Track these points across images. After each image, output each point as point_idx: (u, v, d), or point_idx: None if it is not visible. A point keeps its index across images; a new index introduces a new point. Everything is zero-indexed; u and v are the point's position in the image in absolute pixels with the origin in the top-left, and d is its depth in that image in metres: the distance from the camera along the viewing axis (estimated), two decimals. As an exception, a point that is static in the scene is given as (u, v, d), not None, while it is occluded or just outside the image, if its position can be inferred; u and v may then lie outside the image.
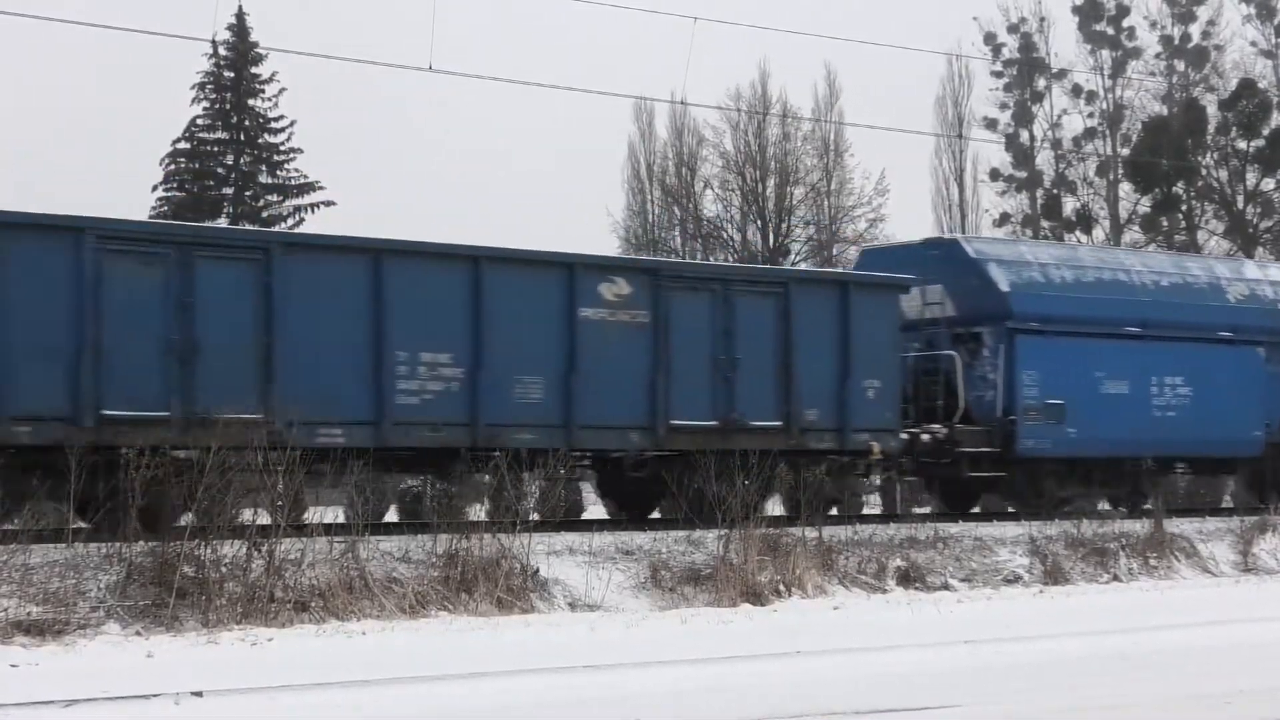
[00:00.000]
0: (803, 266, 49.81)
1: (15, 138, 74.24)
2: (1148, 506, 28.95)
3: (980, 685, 14.05)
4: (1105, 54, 66.05)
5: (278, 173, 53.59)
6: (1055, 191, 65.46)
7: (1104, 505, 29.46)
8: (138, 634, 15.95)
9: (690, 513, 22.52)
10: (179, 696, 12.57)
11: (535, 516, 21.19)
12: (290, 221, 52.35)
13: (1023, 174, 66.09)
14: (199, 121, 53.03)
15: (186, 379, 20.46)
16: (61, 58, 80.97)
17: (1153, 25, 65.40)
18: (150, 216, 46.12)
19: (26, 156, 71.37)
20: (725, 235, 58.61)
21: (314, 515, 20.53)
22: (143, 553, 16.96)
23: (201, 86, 52.96)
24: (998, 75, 66.34)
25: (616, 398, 23.36)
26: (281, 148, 53.53)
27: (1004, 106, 66.39)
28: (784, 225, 57.74)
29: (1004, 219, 65.80)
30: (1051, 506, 27.25)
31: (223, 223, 48.17)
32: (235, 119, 53.04)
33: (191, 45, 59.05)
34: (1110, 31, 65.84)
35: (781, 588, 20.68)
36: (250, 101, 53.20)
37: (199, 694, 12.68)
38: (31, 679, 13.45)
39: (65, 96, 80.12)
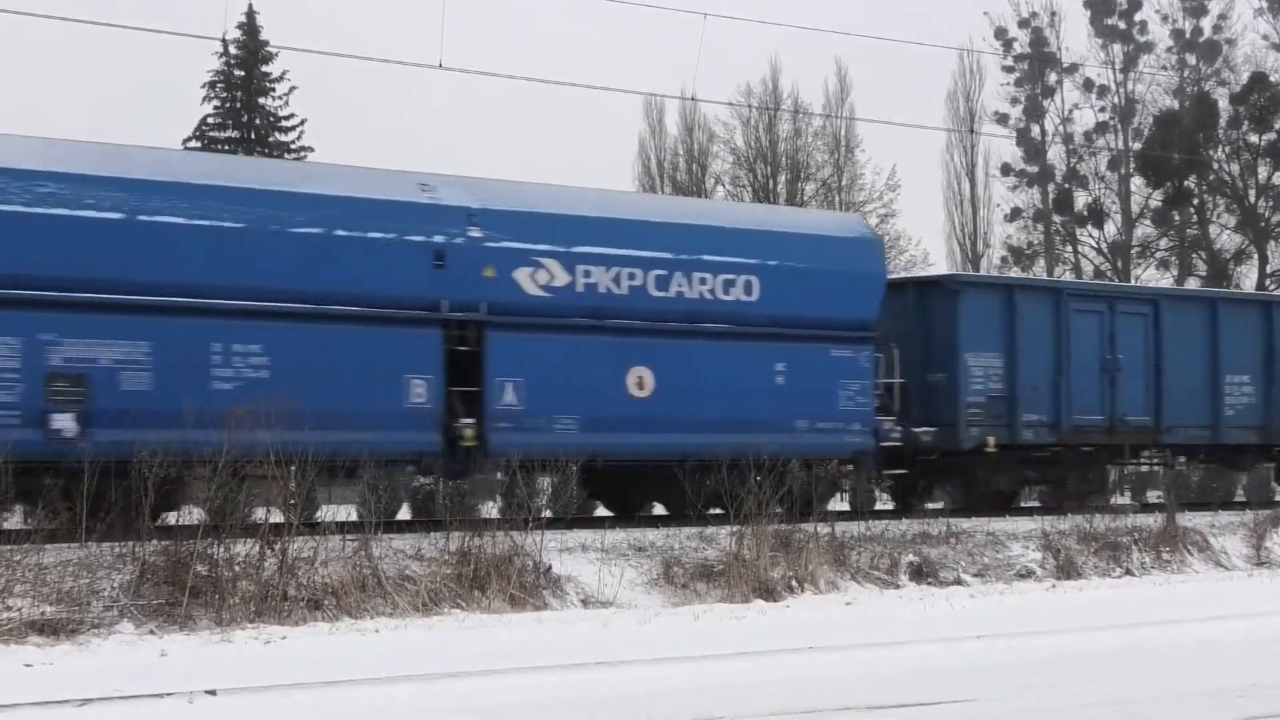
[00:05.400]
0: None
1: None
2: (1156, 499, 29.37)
3: (993, 680, 14.04)
4: (1117, 48, 65.96)
5: (289, 171, 53.63)
6: (1067, 186, 65.35)
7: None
8: (151, 633, 15.98)
9: None
10: (193, 695, 12.60)
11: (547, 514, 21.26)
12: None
13: (1034, 169, 66.02)
14: (210, 120, 53.11)
15: (1113, 394, 29.07)
16: (71, 57, 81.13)
17: (1164, 19, 65.38)
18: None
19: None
20: (736, 231, 58.54)
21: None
22: (156, 551, 16.99)
23: (212, 85, 53.06)
24: (1009, 70, 66.28)
25: None
26: (292, 146, 53.64)
27: (1015, 101, 66.31)
28: (795, 221, 57.69)
29: (1015, 214, 65.79)
30: None
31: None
32: (246, 117, 53.13)
33: (202, 44, 59.22)
34: (1122, 26, 65.74)
35: (794, 584, 20.69)
36: (261, 100, 53.28)
37: (213, 692, 12.70)
38: (46, 678, 13.48)
39: (75, 96, 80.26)
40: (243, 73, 53.16)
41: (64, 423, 19.49)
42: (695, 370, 23.96)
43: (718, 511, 22.39)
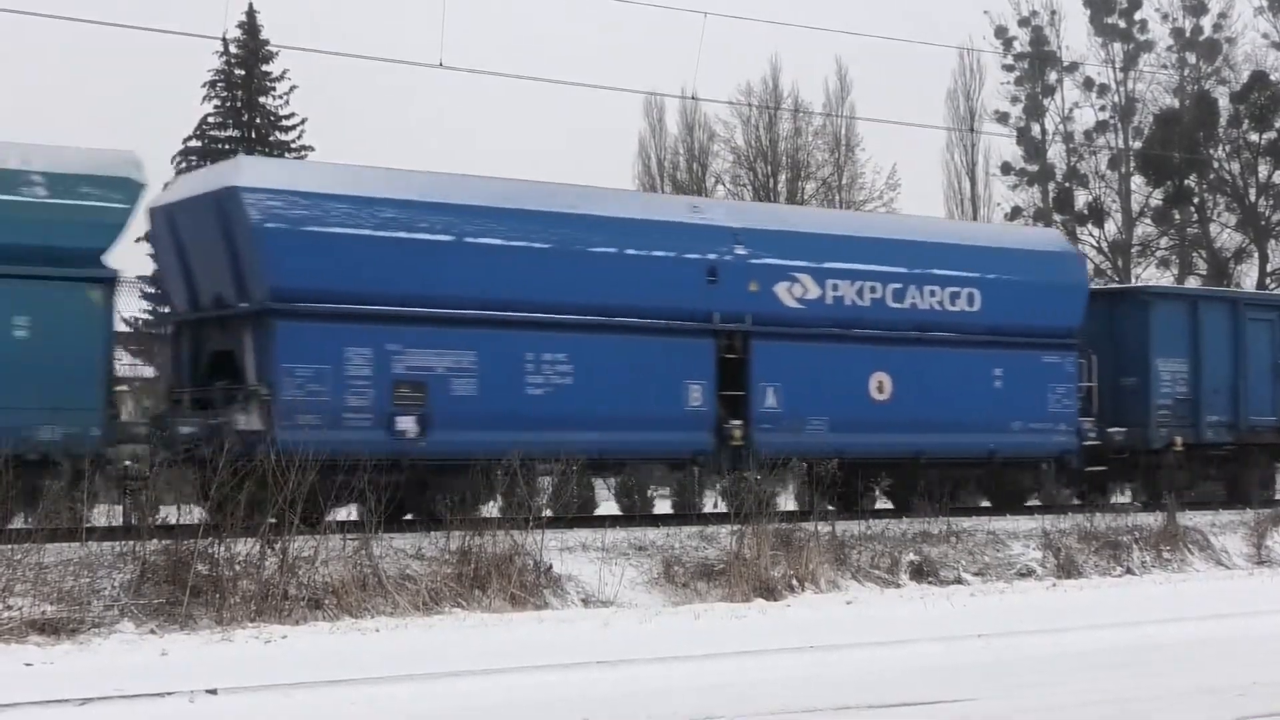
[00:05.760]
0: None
1: (24, 136, 74.25)
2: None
3: (994, 679, 14.05)
4: (1117, 47, 65.89)
5: (289, 170, 53.47)
6: (1067, 185, 65.29)
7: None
8: (152, 632, 15.98)
9: None
10: (193, 694, 12.60)
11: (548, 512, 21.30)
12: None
13: (1034, 168, 65.96)
14: (210, 119, 53.03)
15: None
16: (72, 56, 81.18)
17: (1164, 18, 65.29)
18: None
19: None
20: (737, 230, 58.50)
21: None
22: (156, 551, 17.00)
23: (213, 84, 52.96)
24: (1009, 69, 66.18)
25: None
26: (293, 145, 53.53)
27: (1015, 100, 66.24)
28: (795, 220, 57.62)
29: (1016, 213, 65.75)
30: None
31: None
32: (246, 117, 53.02)
33: (202, 43, 59.20)
34: (1122, 24, 65.66)
35: (794, 583, 20.69)
36: (261, 99, 53.20)
37: (213, 691, 12.70)
38: (46, 678, 13.49)
39: (76, 95, 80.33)
40: (243, 72, 53.08)
41: (407, 424, 21.76)
42: (926, 375, 26.49)
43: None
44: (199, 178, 21.66)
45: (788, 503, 26.28)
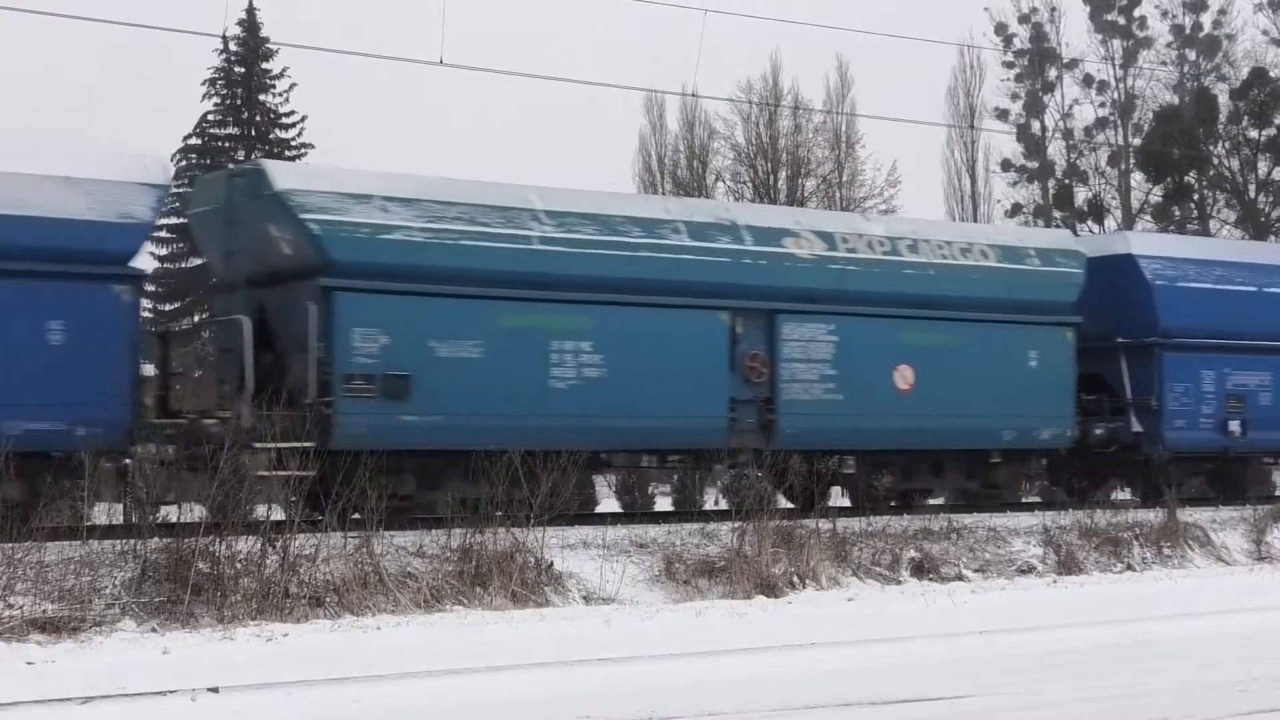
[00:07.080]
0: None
1: (24, 134, 74.15)
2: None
3: (994, 675, 14.07)
4: (1116, 44, 65.81)
5: (289, 168, 53.35)
6: (1067, 182, 65.23)
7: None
8: (153, 630, 16.00)
9: None
10: (195, 692, 12.62)
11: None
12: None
13: (1034, 164, 65.89)
14: (210, 117, 53.01)
15: None
16: (72, 54, 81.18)
17: (1164, 15, 65.22)
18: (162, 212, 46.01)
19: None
20: (737, 228, 58.39)
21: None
22: (158, 549, 17.00)
23: (213, 82, 52.96)
24: (1009, 66, 66.08)
25: None
26: (293, 143, 53.50)
27: (1015, 97, 66.16)
28: (796, 217, 57.51)
29: (1016, 210, 65.73)
30: None
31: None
32: (246, 114, 53.01)
33: (203, 41, 59.18)
34: (1121, 21, 65.59)
35: (795, 579, 20.70)
36: (261, 97, 53.18)
37: (215, 690, 12.72)
38: (48, 676, 13.50)
39: (76, 93, 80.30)
40: (243, 70, 53.06)
41: (1235, 426, 29.80)
42: None
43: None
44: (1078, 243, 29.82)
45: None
